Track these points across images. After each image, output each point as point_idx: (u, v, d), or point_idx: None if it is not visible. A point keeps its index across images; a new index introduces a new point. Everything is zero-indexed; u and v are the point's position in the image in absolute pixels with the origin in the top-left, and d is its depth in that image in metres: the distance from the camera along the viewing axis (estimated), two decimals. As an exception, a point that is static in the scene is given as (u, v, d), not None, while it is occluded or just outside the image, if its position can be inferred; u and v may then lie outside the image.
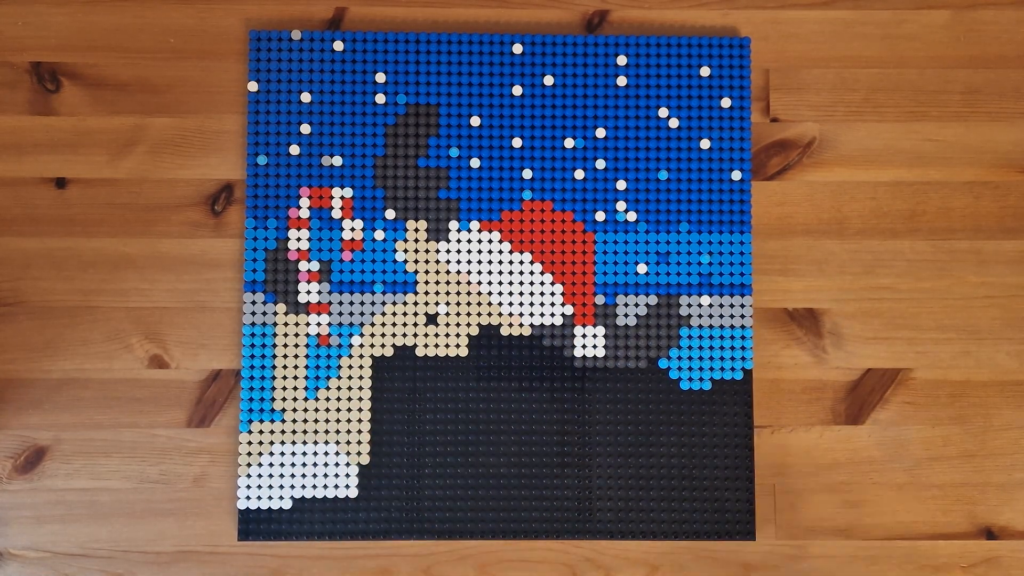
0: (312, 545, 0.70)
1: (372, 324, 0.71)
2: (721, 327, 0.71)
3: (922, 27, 0.75)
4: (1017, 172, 0.74)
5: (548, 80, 0.72)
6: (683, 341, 0.71)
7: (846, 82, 0.74)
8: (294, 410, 0.70)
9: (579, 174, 0.72)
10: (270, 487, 0.69)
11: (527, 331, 0.71)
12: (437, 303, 0.71)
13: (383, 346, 0.71)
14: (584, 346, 0.71)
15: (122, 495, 0.70)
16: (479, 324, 0.71)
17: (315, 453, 0.70)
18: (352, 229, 0.71)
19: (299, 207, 0.71)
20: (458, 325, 0.71)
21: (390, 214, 0.71)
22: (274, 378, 0.70)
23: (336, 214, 0.71)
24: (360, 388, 0.70)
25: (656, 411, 0.71)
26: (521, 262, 0.71)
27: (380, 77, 0.72)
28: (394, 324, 0.71)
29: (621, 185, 0.72)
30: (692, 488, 0.70)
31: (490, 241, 0.72)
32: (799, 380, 0.72)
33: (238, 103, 0.73)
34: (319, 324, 0.71)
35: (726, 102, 0.73)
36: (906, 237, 0.73)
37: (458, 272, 0.71)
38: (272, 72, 0.72)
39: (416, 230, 0.71)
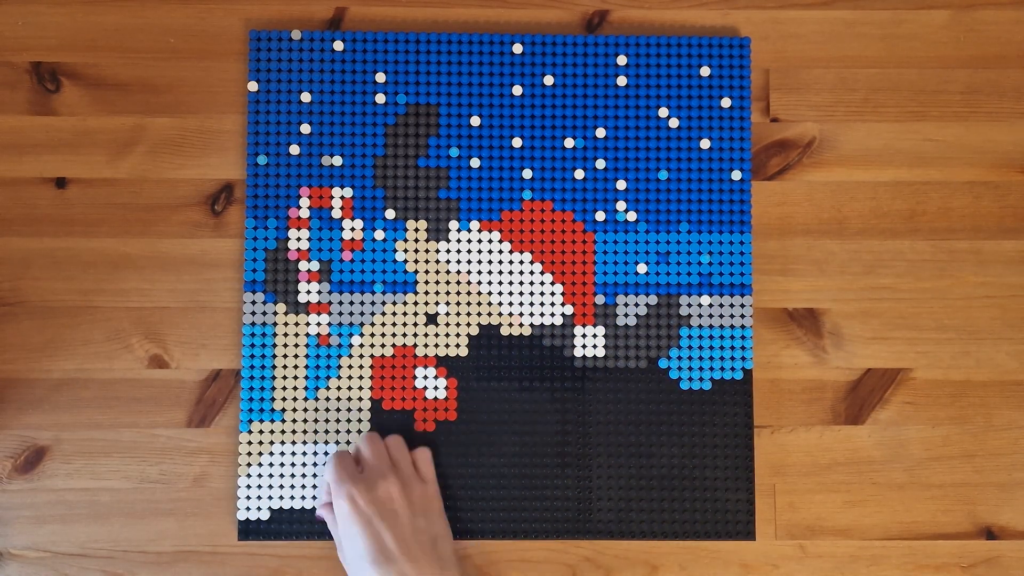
0: (312, 545, 0.70)
1: (372, 324, 0.71)
2: (721, 327, 0.71)
3: (922, 27, 0.75)
4: (1017, 172, 0.74)
5: (548, 80, 0.72)
6: (683, 341, 0.71)
7: (846, 82, 0.74)
8: (294, 410, 0.70)
9: (579, 174, 0.72)
10: (270, 487, 0.69)
11: (527, 331, 0.71)
12: (437, 303, 0.71)
13: (383, 346, 0.71)
14: (584, 346, 0.71)
15: (122, 495, 0.70)
16: (479, 324, 0.71)
17: (315, 453, 0.70)
18: (352, 229, 0.71)
19: (299, 207, 0.71)
20: (458, 325, 0.71)
21: (390, 214, 0.71)
22: (274, 378, 0.70)
23: (336, 214, 0.71)
24: (360, 388, 0.70)
25: (656, 411, 0.71)
26: (521, 262, 0.71)
27: (380, 77, 0.72)
28: (394, 324, 0.71)
29: (621, 185, 0.72)
30: (692, 488, 0.70)
31: (490, 241, 0.72)
32: (799, 380, 0.72)
33: (238, 103, 0.73)
34: (319, 324, 0.71)
35: (726, 102, 0.73)
36: (906, 237, 0.73)
37: (458, 272, 0.71)
38: (272, 72, 0.72)
39: (416, 230, 0.71)
